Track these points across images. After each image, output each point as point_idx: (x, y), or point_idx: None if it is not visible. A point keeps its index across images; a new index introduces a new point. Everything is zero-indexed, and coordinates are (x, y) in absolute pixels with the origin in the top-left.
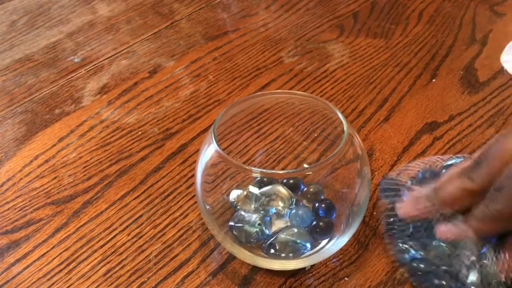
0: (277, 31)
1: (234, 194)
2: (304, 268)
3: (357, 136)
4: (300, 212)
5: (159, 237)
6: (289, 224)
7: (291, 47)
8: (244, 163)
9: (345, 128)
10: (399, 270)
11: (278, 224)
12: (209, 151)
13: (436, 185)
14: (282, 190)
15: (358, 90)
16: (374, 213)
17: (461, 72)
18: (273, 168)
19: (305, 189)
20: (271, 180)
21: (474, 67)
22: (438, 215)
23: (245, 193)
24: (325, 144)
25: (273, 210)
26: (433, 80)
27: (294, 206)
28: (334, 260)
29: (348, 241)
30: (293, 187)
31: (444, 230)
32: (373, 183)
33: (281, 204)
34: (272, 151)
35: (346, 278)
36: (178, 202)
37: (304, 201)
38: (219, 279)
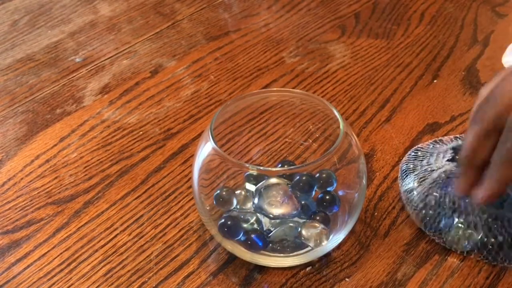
0: (278, 32)
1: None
2: (305, 268)
3: (354, 134)
4: (303, 178)
5: (160, 237)
6: (288, 210)
7: (293, 47)
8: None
9: (341, 126)
10: (401, 270)
11: (277, 211)
12: (206, 148)
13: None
14: (277, 180)
15: (360, 90)
16: (376, 213)
17: (463, 73)
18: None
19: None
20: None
21: (476, 68)
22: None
23: (242, 192)
24: (326, 145)
25: (270, 203)
26: (435, 81)
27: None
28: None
29: (350, 242)
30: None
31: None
32: (374, 184)
33: (278, 192)
34: (274, 151)
35: (347, 279)
36: (179, 202)
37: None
38: (220, 279)
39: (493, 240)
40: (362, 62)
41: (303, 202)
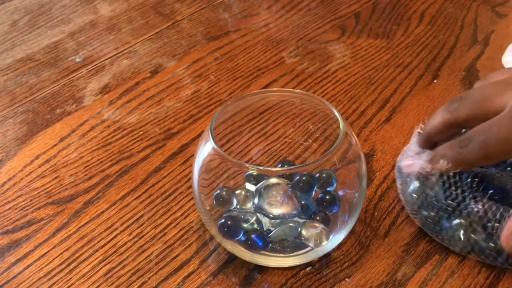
0: (278, 32)
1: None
2: (305, 268)
3: (354, 134)
4: (303, 178)
5: (160, 237)
6: (288, 210)
7: (293, 47)
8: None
9: (341, 126)
10: (401, 270)
11: (277, 211)
12: (206, 148)
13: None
14: (277, 180)
15: (360, 90)
16: (376, 213)
17: (463, 73)
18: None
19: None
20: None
21: (476, 68)
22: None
23: (242, 192)
24: (326, 145)
25: (270, 202)
26: (435, 81)
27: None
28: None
29: (350, 242)
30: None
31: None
32: (374, 184)
33: (278, 192)
34: (274, 151)
35: (347, 279)
36: (179, 202)
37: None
38: (220, 279)
39: (492, 245)
40: (362, 62)
41: (303, 202)
